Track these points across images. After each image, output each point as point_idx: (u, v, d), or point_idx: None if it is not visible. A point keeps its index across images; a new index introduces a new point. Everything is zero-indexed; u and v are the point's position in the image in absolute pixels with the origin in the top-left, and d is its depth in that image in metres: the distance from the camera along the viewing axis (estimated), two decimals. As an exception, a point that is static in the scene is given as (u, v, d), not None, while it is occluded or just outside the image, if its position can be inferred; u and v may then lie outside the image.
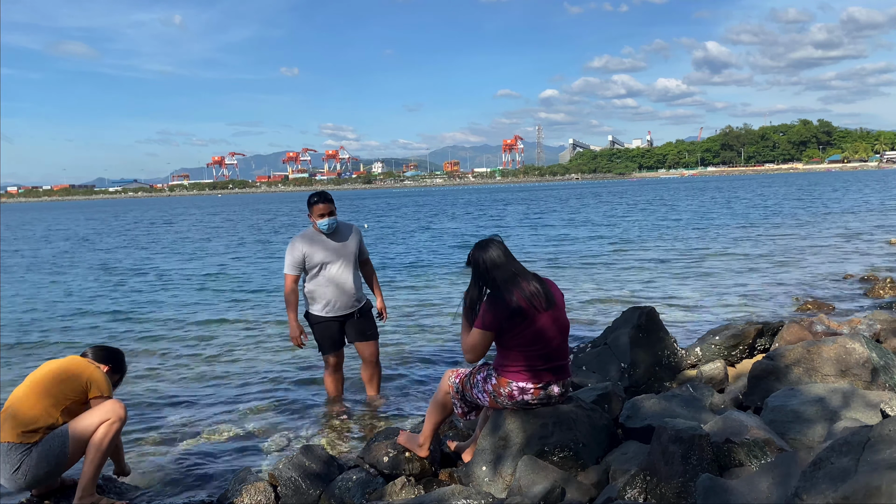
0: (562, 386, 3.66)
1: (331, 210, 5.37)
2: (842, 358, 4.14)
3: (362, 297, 5.65)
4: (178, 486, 4.52)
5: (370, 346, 5.68)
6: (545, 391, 3.60)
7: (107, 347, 4.37)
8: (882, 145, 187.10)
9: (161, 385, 6.79)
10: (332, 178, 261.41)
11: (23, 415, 3.73)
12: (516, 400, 3.59)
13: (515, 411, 3.65)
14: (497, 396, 3.62)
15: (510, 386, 3.57)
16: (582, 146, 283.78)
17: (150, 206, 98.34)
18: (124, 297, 13.01)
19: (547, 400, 3.63)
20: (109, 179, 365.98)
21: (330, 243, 5.45)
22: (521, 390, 3.57)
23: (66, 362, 3.96)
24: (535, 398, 3.59)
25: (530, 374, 3.55)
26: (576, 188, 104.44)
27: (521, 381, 3.55)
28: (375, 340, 5.71)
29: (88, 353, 4.22)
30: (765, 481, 2.58)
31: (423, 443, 3.90)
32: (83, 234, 36.38)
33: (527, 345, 3.50)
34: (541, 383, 3.57)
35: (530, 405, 3.62)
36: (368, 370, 5.79)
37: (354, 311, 5.56)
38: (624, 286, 11.55)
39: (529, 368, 3.53)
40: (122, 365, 4.35)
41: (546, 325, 3.50)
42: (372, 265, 5.82)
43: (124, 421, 3.90)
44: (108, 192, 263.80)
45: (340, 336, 5.63)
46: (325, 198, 5.34)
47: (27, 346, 8.95)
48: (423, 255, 18.39)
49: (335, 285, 5.45)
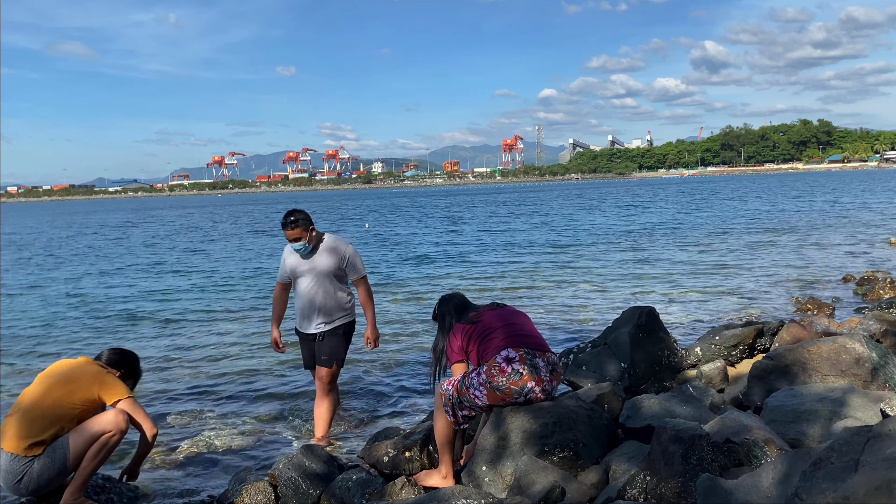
0: (546, 361, 3.73)
1: (297, 237, 4.99)
2: (842, 358, 4.14)
3: (336, 319, 5.15)
4: (178, 486, 4.53)
5: (320, 371, 5.16)
6: (531, 361, 3.66)
7: (121, 351, 4.34)
8: (882, 145, 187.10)
9: (161, 385, 6.80)
10: (332, 178, 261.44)
11: (31, 424, 3.74)
12: (507, 373, 3.61)
13: (515, 410, 3.65)
14: (491, 381, 3.63)
15: (496, 361, 3.65)
16: (582, 146, 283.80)
17: (109, 209, 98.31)
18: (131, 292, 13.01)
19: (537, 374, 3.64)
20: (109, 179, 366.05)
21: (304, 258, 5.14)
22: (507, 359, 3.64)
23: (76, 368, 3.94)
24: (524, 367, 3.63)
25: (506, 341, 3.71)
26: (576, 188, 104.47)
27: (501, 349, 3.68)
28: (329, 368, 5.13)
29: (103, 355, 4.23)
30: (765, 481, 2.58)
31: (446, 473, 3.78)
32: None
33: (488, 329, 3.80)
34: (521, 348, 3.68)
35: (524, 379, 3.60)
36: (317, 400, 5.29)
37: (319, 333, 5.12)
38: (624, 286, 11.56)
39: (502, 338, 3.74)
40: (136, 369, 4.34)
41: (497, 315, 3.91)
42: (366, 285, 5.27)
43: (125, 433, 3.90)
44: (107, 191, 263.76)
45: (312, 354, 5.27)
46: (292, 223, 4.95)
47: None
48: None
49: (303, 301, 5.14)
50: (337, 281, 5.14)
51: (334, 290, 5.13)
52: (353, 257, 5.18)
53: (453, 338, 3.91)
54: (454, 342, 3.90)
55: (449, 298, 4.15)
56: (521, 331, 3.83)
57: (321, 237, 5.17)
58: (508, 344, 3.70)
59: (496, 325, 3.82)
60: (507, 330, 3.80)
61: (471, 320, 3.90)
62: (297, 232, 4.98)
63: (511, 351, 3.66)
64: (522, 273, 13.86)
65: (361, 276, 5.23)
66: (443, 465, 3.82)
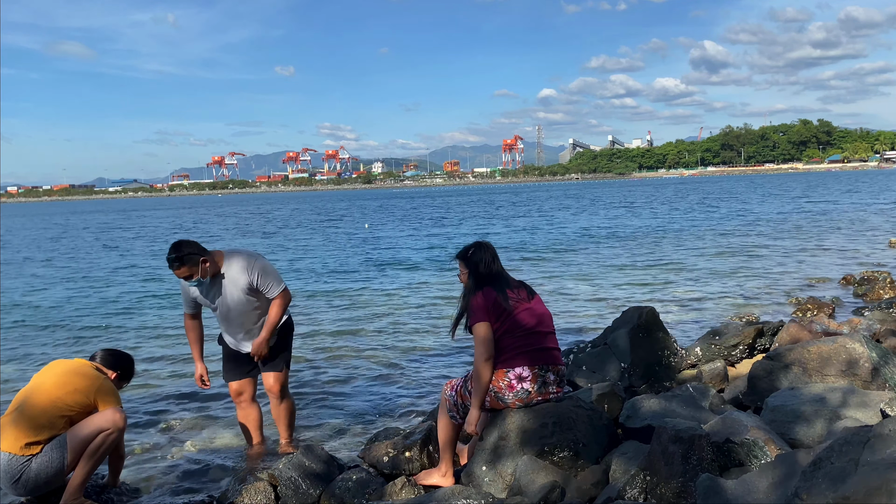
0: (556, 374, 3.71)
1: (187, 275, 4.33)
2: (842, 358, 4.14)
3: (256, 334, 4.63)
4: (178, 486, 4.53)
5: (267, 379, 4.70)
6: (542, 378, 3.63)
7: (117, 353, 4.32)
8: (882, 145, 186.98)
9: (161, 386, 6.79)
10: (332, 178, 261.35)
11: (28, 424, 3.73)
12: (516, 390, 3.61)
13: (515, 411, 3.65)
14: (497, 391, 3.63)
15: (507, 376, 3.61)
16: (582, 146, 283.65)
17: (107, 209, 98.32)
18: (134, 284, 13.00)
19: (545, 389, 3.64)
20: (109, 179, 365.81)
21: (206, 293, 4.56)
22: (519, 377, 3.61)
23: (73, 371, 3.93)
24: (534, 386, 3.61)
25: (525, 358, 3.62)
26: (576, 188, 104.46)
27: (517, 366, 3.61)
28: (276, 372, 4.69)
29: (97, 356, 4.20)
30: (765, 481, 2.58)
31: (445, 472, 3.82)
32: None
33: (514, 330, 3.65)
34: (536, 366, 3.63)
35: (530, 396, 3.62)
36: (272, 409, 4.88)
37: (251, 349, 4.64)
38: (624, 286, 11.55)
39: (522, 352, 3.63)
40: (131, 371, 4.34)
41: (531, 313, 3.73)
42: (282, 300, 4.54)
43: (122, 431, 3.90)
44: (107, 191, 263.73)
45: (236, 364, 4.78)
46: (176, 264, 4.28)
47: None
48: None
49: (222, 323, 4.68)
50: (255, 298, 4.51)
51: (253, 307, 4.53)
52: (263, 278, 4.45)
53: (484, 298, 3.67)
54: (484, 301, 3.66)
55: (487, 246, 3.87)
56: (541, 343, 3.70)
57: (218, 264, 4.44)
58: (525, 362, 3.62)
59: (522, 330, 3.65)
60: (529, 342, 3.66)
61: (508, 305, 3.66)
62: (184, 271, 4.31)
63: (526, 369, 3.62)
64: (523, 273, 13.85)
65: (279, 293, 4.52)
66: (443, 464, 3.83)
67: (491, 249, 3.87)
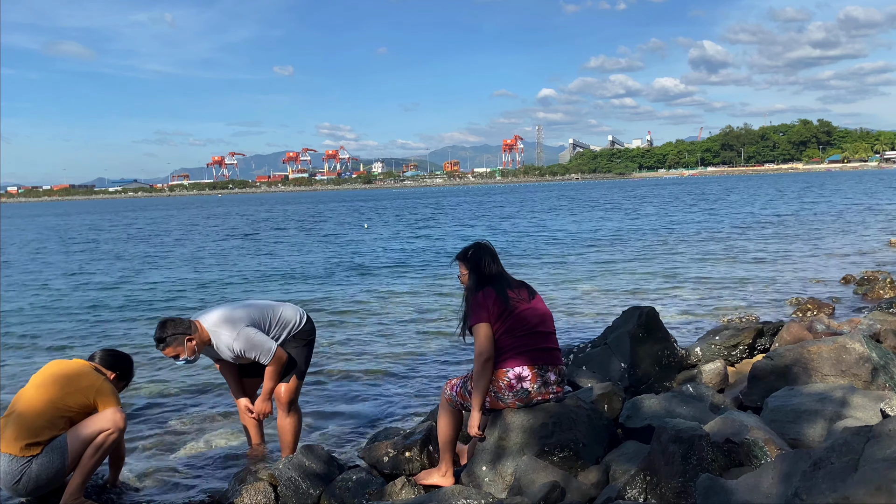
0: (557, 374, 3.71)
1: (175, 355, 4.27)
2: (842, 357, 4.14)
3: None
4: (178, 486, 4.53)
5: (277, 389, 4.61)
6: (542, 378, 3.63)
7: (116, 353, 4.32)
8: (882, 145, 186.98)
9: (161, 386, 6.79)
10: (332, 178, 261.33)
11: (27, 426, 3.74)
12: (516, 390, 3.61)
13: (515, 411, 3.65)
14: (497, 391, 3.63)
15: (507, 376, 3.61)
16: (582, 146, 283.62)
17: (104, 209, 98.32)
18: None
19: (545, 389, 3.65)
20: (109, 179, 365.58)
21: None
22: (519, 377, 3.61)
23: (72, 371, 3.93)
24: (534, 385, 3.61)
25: (524, 358, 3.63)
26: (576, 188, 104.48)
27: (517, 366, 3.61)
28: (286, 383, 4.60)
29: (96, 356, 4.20)
30: (765, 481, 2.57)
31: (445, 471, 3.82)
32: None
33: (515, 330, 3.66)
34: (536, 366, 3.63)
35: (530, 396, 3.63)
36: (277, 415, 4.77)
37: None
38: (624, 286, 11.55)
39: (522, 351, 3.63)
40: (130, 372, 4.33)
41: (531, 313, 3.75)
42: (271, 367, 4.40)
43: (123, 431, 3.90)
44: (108, 192, 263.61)
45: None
46: (161, 345, 4.22)
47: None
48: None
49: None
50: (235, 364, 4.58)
51: (250, 361, 4.46)
52: (249, 352, 4.34)
53: (484, 298, 3.69)
54: (484, 301, 3.68)
55: (487, 246, 3.89)
56: (542, 343, 3.71)
57: (204, 338, 4.36)
58: (525, 362, 3.62)
59: (522, 330, 3.66)
60: (529, 342, 3.67)
61: (508, 304, 3.68)
62: (170, 351, 4.25)
63: (525, 369, 3.62)
64: (523, 273, 13.85)
65: (270, 360, 4.37)
66: (443, 463, 3.84)
67: (491, 250, 3.90)
